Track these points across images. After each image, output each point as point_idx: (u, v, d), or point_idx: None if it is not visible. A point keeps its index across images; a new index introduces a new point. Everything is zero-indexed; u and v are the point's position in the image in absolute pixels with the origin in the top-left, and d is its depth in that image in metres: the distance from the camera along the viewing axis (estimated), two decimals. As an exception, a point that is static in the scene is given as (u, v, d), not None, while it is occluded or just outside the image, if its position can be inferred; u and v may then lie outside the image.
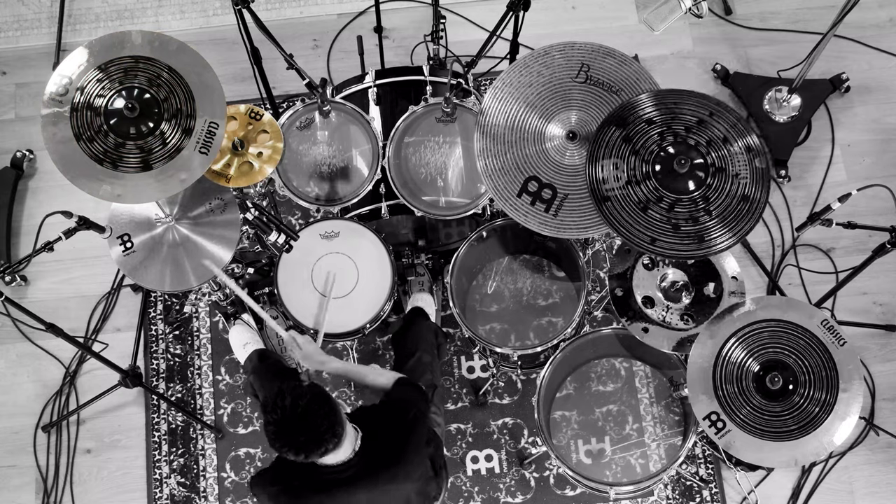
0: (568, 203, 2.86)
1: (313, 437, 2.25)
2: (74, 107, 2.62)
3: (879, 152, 3.86)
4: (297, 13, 4.18)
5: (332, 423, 2.27)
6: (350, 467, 2.39)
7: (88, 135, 2.61)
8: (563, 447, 3.43)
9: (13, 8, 4.22)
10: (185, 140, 2.64)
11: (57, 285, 3.77)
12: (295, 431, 2.24)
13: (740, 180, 2.70)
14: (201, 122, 2.64)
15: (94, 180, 2.60)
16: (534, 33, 3.52)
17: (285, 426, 2.24)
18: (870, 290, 3.65)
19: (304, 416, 2.23)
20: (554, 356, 3.11)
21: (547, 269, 3.63)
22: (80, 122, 2.62)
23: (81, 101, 2.63)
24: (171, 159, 2.62)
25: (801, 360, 2.71)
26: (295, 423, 2.23)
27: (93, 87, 2.64)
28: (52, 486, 3.51)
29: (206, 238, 2.93)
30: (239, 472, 3.51)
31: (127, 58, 2.67)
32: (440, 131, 3.18)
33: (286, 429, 2.24)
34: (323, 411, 2.26)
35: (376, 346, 3.62)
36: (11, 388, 3.64)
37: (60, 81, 2.64)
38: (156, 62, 2.67)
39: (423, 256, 3.47)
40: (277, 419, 2.24)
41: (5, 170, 3.87)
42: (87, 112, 2.63)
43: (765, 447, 2.64)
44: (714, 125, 2.76)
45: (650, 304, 2.97)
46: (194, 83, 2.66)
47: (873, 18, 4.05)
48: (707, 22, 4.06)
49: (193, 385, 3.62)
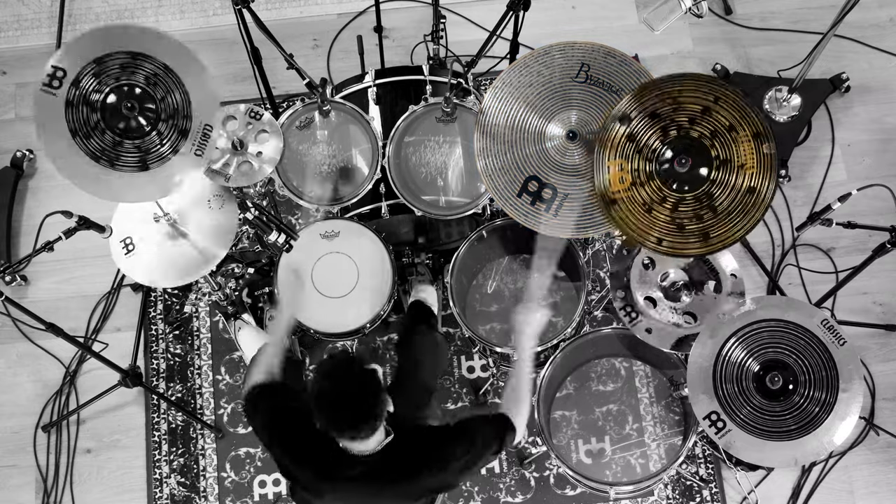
0: (568, 203, 2.86)
1: (355, 416, 2.22)
2: (70, 101, 2.59)
3: (879, 152, 3.86)
4: (297, 13, 4.18)
5: (376, 405, 2.23)
6: (364, 462, 2.35)
7: (85, 131, 2.60)
8: (563, 447, 3.44)
9: (13, 8, 4.22)
10: (182, 142, 2.63)
11: (57, 285, 3.77)
12: (340, 406, 2.22)
13: (746, 171, 2.70)
14: (197, 124, 2.64)
15: (89, 176, 2.60)
16: (534, 33, 3.52)
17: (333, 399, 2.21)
18: (870, 289, 3.65)
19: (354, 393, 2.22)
20: (554, 356, 3.11)
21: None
22: (76, 118, 2.60)
23: (77, 95, 2.60)
24: (167, 161, 2.62)
25: (801, 360, 2.71)
26: (342, 399, 2.21)
27: (88, 81, 2.62)
28: (52, 486, 3.51)
29: (206, 235, 2.93)
30: (239, 472, 3.51)
31: (123, 53, 2.64)
32: (440, 131, 3.18)
33: (332, 402, 2.21)
34: (373, 393, 2.24)
35: (376, 345, 3.62)
36: (11, 388, 3.64)
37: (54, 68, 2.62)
38: (153, 60, 2.66)
39: (424, 256, 3.47)
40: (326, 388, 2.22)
41: (5, 170, 3.87)
42: (84, 107, 2.61)
43: (765, 447, 2.64)
44: (719, 112, 2.76)
45: (650, 305, 2.97)
46: (190, 84, 2.65)
47: (873, 18, 4.05)
48: (707, 22, 4.06)
49: (193, 385, 3.62)
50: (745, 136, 2.73)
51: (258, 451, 3.53)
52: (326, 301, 3.07)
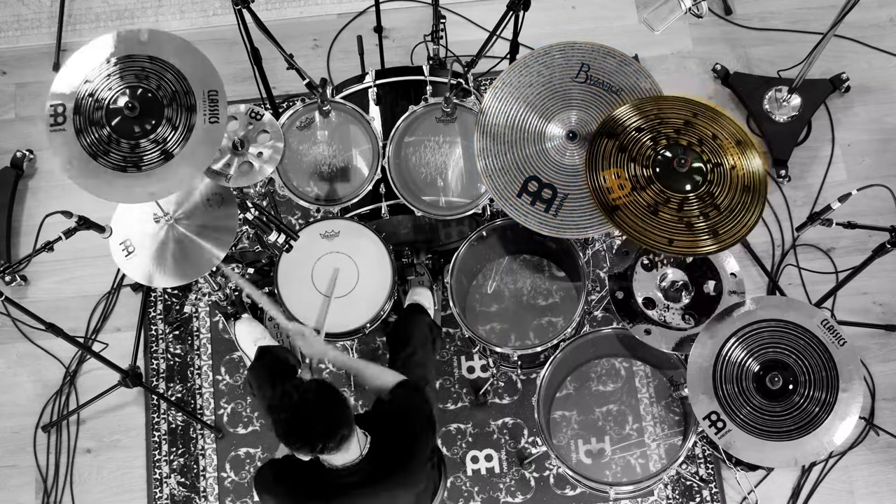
0: (568, 203, 2.86)
1: (327, 425, 2.24)
2: (78, 129, 2.63)
3: (879, 152, 3.86)
4: (297, 13, 4.18)
5: (343, 409, 2.27)
6: (356, 471, 2.39)
7: (103, 148, 2.63)
8: (563, 447, 3.44)
9: (13, 8, 4.22)
10: (193, 117, 2.64)
11: (57, 285, 3.77)
12: (308, 423, 2.23)
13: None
14: (200, 95, 2.65)
15: (123, 188, 2.62)
16: (534, 33, 3.52)
17: (297, 421, 2.24)
18: (870, 290, 3.65)
19: (314, 408, 2.24)
20: (554, 356, 3.11)
21: (547, 269, 3.63)
22: (90, 141, 2.63)
23: (82, 121, 2.64)
24: (188, 140, 2.63)
25: (801, 360, 2.71)
26: (307, 416, 2.23)
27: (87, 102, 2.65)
28: (52, 486, 3.51)
29: (205, 234, 2.92)
30: (239, 472, 3.51)
31: (107, 62, 2.68)
32: (440, 131, 3.18)
33: (299, 423, 2.24)
34: (333, 400, 2.27)
35: (376, 345, 3.61)
36: (11, 388, 3.64)
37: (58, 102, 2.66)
38: (135, 57, 2.68)
39: (424, 256, 3.47)
40: (288, 416, 2.24)
41: (5, 170, 3.87)
42: (93, 128, 2.64)
43: (765, 447, 2.64)
44: (700, 124, 2.81)
45: (650, 305, 2.97)
46: (179, 64, 2.67)
47: (873, 18, 4.05)
48: (707, 22, 4.06)
49: (193, 385, 3.62)
50: (728, 143, 2.78)
51: (258, 452, 3.53)
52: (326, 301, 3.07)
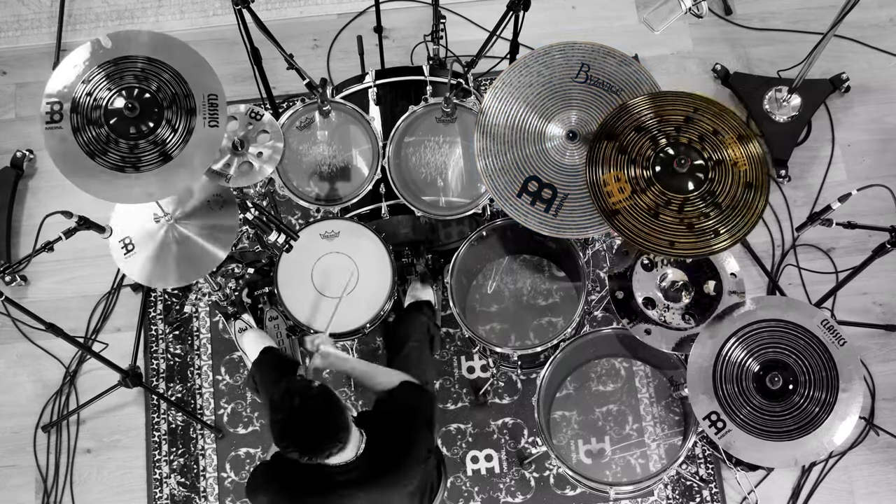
0: (568, 203, 2.86)
1: (320, 438, 2.25)
2: (76, 127, 2.62)
3: (879, 152, 3.86)
4: (297, 13, 4.18)
5: (339, 425, 2.27)
6: (353, 469, 2.39)
7: (100, 148, 2.62)
8: (563, 447, 3.43)
9: (13, 8, 4.22)
10: (193, 120, 2.64)
11: (57, 285, 3.77)
12: (302, 430, 2.24)
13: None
14: (200, 98, 2.65)
15: (121, 188, 2.62)
16: (534, 33, 3.51)
17: (293, 425, 2.24)
18: (870, 290, 3.65)
19: (311, 417, 2.24)
20: (554, 356, 3.10)
21: (547, 269, 3.63)
22: (87, 140, 2.63)
23: (79, 120, 2.63)
24: (187, 143, 2.63)
25: (801, 360, 2.71)
26: (302, 423, 2.24)
27: (84, 100, 2.65)
28: (52, 486, 3.51)
29: (205, 234, 2.92)
30: (239, 472, 3.51)
31: (107, 63, 2.67)
32: (440, 131, 3.18)
33: (293, 428, 2.25)
34: (331, 412, 2.27)
35: (376, 345, 3.61)
36: (11, 388, 3.64)
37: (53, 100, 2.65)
38: (132, 58, 2.68)
39: (424, 256, 3.47)
40: (285, 418, 2.24)
41: (5, 170, 3.87)
42: (90, 127, 2.63)
43: (765, 447, 2.64)
44: (701, 121, 2.80)
45: (650, 305, 2.97)
46: (180, 66, 2.67)
47: (873, 18, 4.05)
48: (707, 22, 4.06)
49: (193, 385, 3.62)
50: (730, 139, 2.78)
51: (258, 452, 3.53)
52: (326, 301, 3.07)
